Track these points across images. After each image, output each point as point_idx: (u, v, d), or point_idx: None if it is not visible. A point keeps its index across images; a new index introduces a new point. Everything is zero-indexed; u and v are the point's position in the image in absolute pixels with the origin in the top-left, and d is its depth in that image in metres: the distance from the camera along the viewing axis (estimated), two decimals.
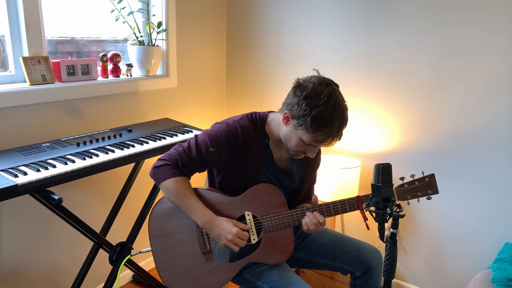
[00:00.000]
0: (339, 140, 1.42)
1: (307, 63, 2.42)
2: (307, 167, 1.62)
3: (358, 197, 1.49)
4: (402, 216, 1.25)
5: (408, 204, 1.54)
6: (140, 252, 1.90)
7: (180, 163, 1.48)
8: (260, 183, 1.52)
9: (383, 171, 1.23)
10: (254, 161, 1.51)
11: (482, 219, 2.03)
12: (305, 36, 2.40)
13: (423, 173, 1.50)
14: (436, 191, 1.49)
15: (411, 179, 1.49)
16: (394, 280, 2.33)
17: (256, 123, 1.51)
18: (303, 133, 1.38)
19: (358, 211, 1.51)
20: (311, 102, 1.34)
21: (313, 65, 2.38)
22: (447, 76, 2.00)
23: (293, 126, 1.40)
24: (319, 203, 1.54)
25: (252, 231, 1.49)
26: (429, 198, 1.49)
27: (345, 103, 1.40)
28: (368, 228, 1.47)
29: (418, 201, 1.53)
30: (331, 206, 1.50)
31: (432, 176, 1.48)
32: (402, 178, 1.46)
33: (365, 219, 1.45)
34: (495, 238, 2.01)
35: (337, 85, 1.42)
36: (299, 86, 1.39)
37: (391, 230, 1.25)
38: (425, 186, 1.48)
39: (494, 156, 1.95)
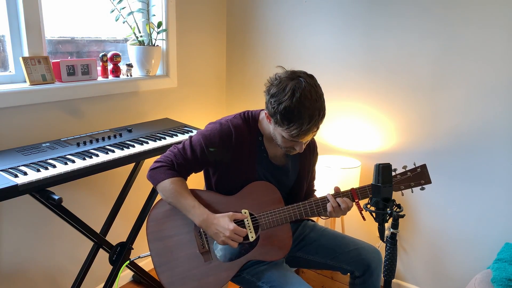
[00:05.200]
0: (316, 130, 1.38)
1: (307, 63, 2.42)
2: (303, 163, 1.63)
3: (352, 189, 1.51)
4: (402, 216, 1.26)
5: (402, 195, 1.54)
6: (139, 257, 1.90)
7: (176, 164, 1.49)
8: (256, 181, 1.53)
9: (383, 171, 1.24)
10: (249, 159, 1.52)
11: (482, 219, 2.03)
12: (305, 36, 2.40)
13: (414, 164, 1.52)
14: (429, 181, 1.50)
15: (403, 170, 1.51)
16: (394, 280, 2.33)
17: (248, 121, 1.53)
18: (281, 130, 1.38)
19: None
20: (277, 99, 1.33)
21: (313, 65, 2.39)
22: (447, 76, 2.00)
23: (273, 124, 1.41)
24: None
25: (250, 229, 1.49)
26: (422, 189, 1.50)
27: (318, 92, 1.34)
28: (364, 219, 1.49)
29: (412, 192, 1.54)
30: (327, 200, 1.50)
31: (423, 167, 1.50)
32: (394, 170, 1.47)
33: (360, 209, 1.46)
34: (495, 238, 2.00)
35: (309, 76, 1.36)
36: (269, 85, 1.39)
37: (391, 230, 1.25)
38: (418, 176, 1.50)
39: (494, 156, 1.95)
